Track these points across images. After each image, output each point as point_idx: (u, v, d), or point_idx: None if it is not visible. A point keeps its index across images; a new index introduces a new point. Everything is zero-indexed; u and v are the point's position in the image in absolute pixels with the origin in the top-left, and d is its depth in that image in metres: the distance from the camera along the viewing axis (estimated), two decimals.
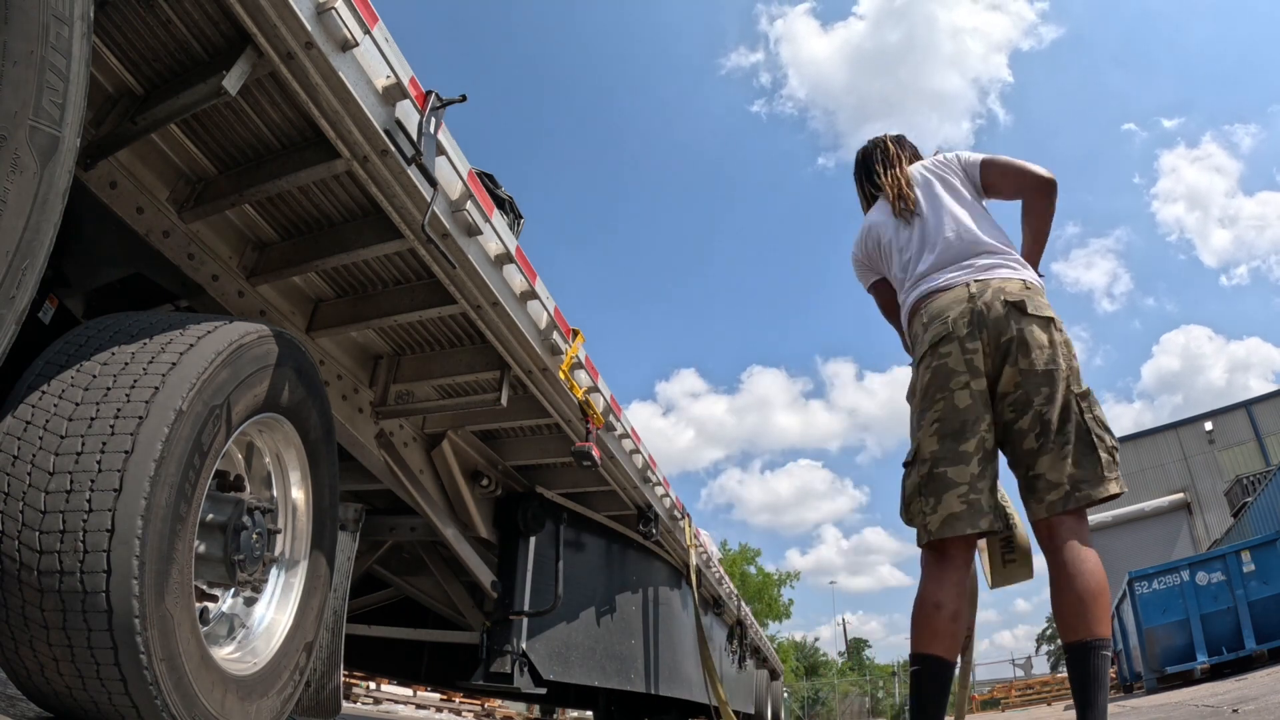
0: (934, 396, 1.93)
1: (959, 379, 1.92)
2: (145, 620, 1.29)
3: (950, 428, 1.90)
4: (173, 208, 2.07)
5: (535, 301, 2.62)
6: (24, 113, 1.04)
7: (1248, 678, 7.60)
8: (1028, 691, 22.49)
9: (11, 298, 1.05)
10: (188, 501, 1.42)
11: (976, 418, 1.90)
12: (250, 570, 1.73)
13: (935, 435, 1.91)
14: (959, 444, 1.89)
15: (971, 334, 1.93)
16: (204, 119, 1.98)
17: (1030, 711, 14.69)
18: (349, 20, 1.63)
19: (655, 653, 4.90)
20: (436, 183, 1.99)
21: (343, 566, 2.47)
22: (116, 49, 1.77)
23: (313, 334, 2.59)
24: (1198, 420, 27.15)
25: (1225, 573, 10.32)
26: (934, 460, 1.90)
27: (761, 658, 10.50)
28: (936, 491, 1.88)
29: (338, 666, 2.41)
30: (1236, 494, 21.56)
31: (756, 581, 34.49)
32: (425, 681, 5.41)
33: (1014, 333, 1.91)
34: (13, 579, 1.24)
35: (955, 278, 2.04)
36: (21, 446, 1.28)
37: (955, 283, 2.03)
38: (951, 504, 1.85)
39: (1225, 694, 5.77)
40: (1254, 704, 3.98)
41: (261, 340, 1.65)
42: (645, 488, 4.01)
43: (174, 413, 1.36)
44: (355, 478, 3.13)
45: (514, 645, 3.56)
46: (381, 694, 13.62)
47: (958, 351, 1.93)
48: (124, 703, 1.32)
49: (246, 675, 1.68)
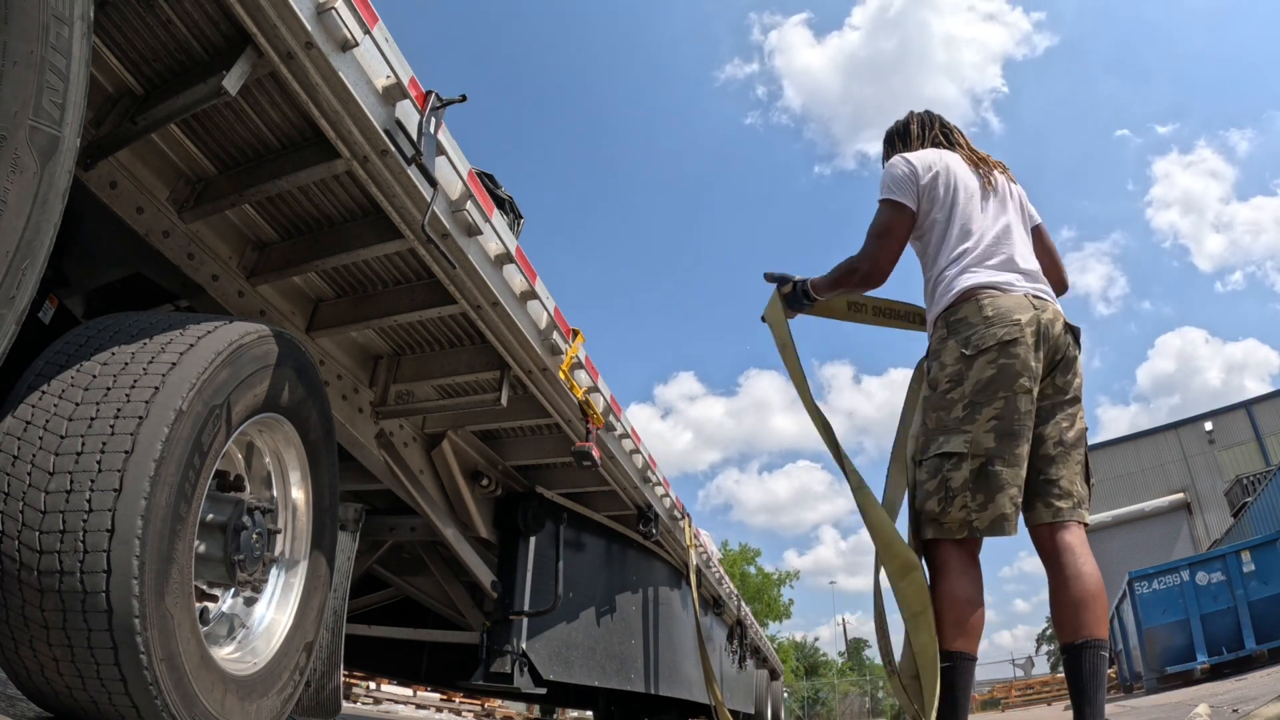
0: (996, 393, 1.89)
1: (1024, 383, 1.91)
2: (145, 620, 1.29)
3: (1009, 428, 1.88)
4: (173, 208, 2.07)
5: (535, 301, 2.62)
6: (24, 113, 1.04)
7: (1248, 678, 7.60)
8: (1028, 691, 22.49)
9: (11, 298, 1.05)
10: (188, 501, 1.42)
11: (1029, 425, 1.91)
12: (250, 570, 1.73)
13: (993, 432, 1.88)
14: (1016, 446, 1.88)
15: (1037, 344, 1.94)
16: (204, 119, 1.98)
17: (1030, 711, 14.69)
18: (349, 20, 1.63)
19: (655, 653, 4.90)
20: (436, 183, 1.99)
21: (343, 566, 2.47)
22: (116, 49, 1.77)
23: (313, 334, 2.59)
24: (1198, 420, 27.14)
25: (1225, 573, 10.33)
26: (989, 457, 1.87)
27: (761, 658, 10.50)
28: (989, 489, 1.85)
29: (338, 666, 2.41)
30: (1236, 494, 21.56)
31: (756, 581, 34.49)
32: (425, 681, 5.41)
33: (1066, 353, 2.01)
34: (13, 579, 1.24)
35: (1020, 285, 2.03)
36: (21, 446, 1.28)
37: (1018, 289, 2.01)
38: (1004, 504, 1.85)
39: (1225, 694, 5.77)
40: (1254, 704, 3.97)
41: (261, 340, 1.65)
42: (645, 488, 4.01)
43: (174, 413, 1.36)
44: (355, 478, 3.13)
45: (514, 645, 3.56)
46: (381, 694, 13.62)
47: (1027, 356, 1.92)
48: (124, 703, 1.32)
49: (246, 675, 1.67)
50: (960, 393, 1.93)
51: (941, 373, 1.98)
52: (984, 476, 1.86)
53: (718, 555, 7.88)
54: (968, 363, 1.93)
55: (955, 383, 1.94)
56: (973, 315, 1.96)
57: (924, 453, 1.97)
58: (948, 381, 1.96)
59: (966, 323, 1.97)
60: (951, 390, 1.94)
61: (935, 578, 1.90)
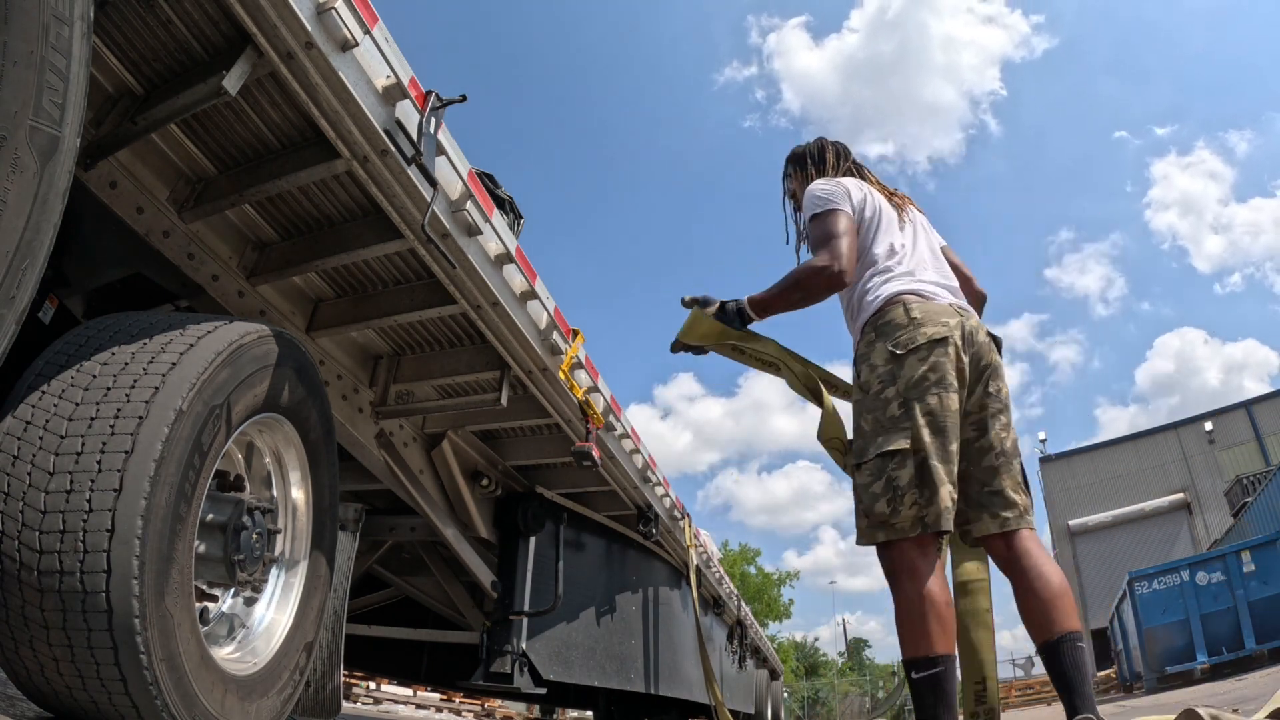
0: (929, 389, 1.91)
1: (952, 381, 1.94)
2: (145, 620, 1.29)
3: (941, 424, 1.90)
4: (173, 208, 2.07)
5: (535, 301, 2.62)
6: (24, 113, 1.04)
7: (1248, 678, 7.60)
8: (1028, 691, 22.48)
9: (11, 298, 1.05)
10: (188, 501, 1.42)
11: (958, 425, 1.94)
12: (250, 570, 1.73)
13: (928, 428, 1.89)
14: (949, 443, 1.90)
15: (963, 348, 1.99)
16: (204, 119, 1.98)
17: (1030, 711, 14.68)
18: (349, 20, 1.63)
19: (655, 653, 4.90)
20: (436, 183, 1.99)
21: (343, 566, 2.48)
22: (116, 49, 1.77)
23: (313, 334, 2.60)
24: (1198, 420, 27.13)
25: (1225, 573, 10.33)
26: (927, 453, 1.88)
27: (761, 658, 10.50)
28: (931, 485, 1.86)
29: (338, 666, 2.41)
30: (1236, 494, 21.55)
31: (756, 581, 34.49)
32: (425, 681, 5.41)
33: (992, 359, 2.05)
34: (13, 579, 1.24)
35: (943, 295, 2.10)
36: (21, 446, 1.28)
37: (942, 298, 2.08)
38: (945, 499, 1.85)
39: (1225, 694, 5.77)
40: (1254, 704, 3.97)
41: (261, 340, 1.65)
42: (645, 488, 4.01)
43: (174, 413, 1.36)
44: (355, 478, 3.13)
45: (514, 645, 3.56)
46: (381, 694, 13.62)
47: (955, 357, 1.96)
48: (124, 703, 1.32)
49: (246, 675, 1.68)
50: (894, 391, 1.94)
51: (873, 374, 2.00)
52: (925, 471, 1.87)
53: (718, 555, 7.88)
54: (899, 361, 1.95)
55: (887, 382, 1.96)
56: (900, 318, 2.01)
57: (863, 456, 1.96)
58: (879, 382, 1.97)
59: (894, 324, 2.00)
60: (884, 390, 1.96)
61: (904, 581, 1.83)
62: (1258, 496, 16.20)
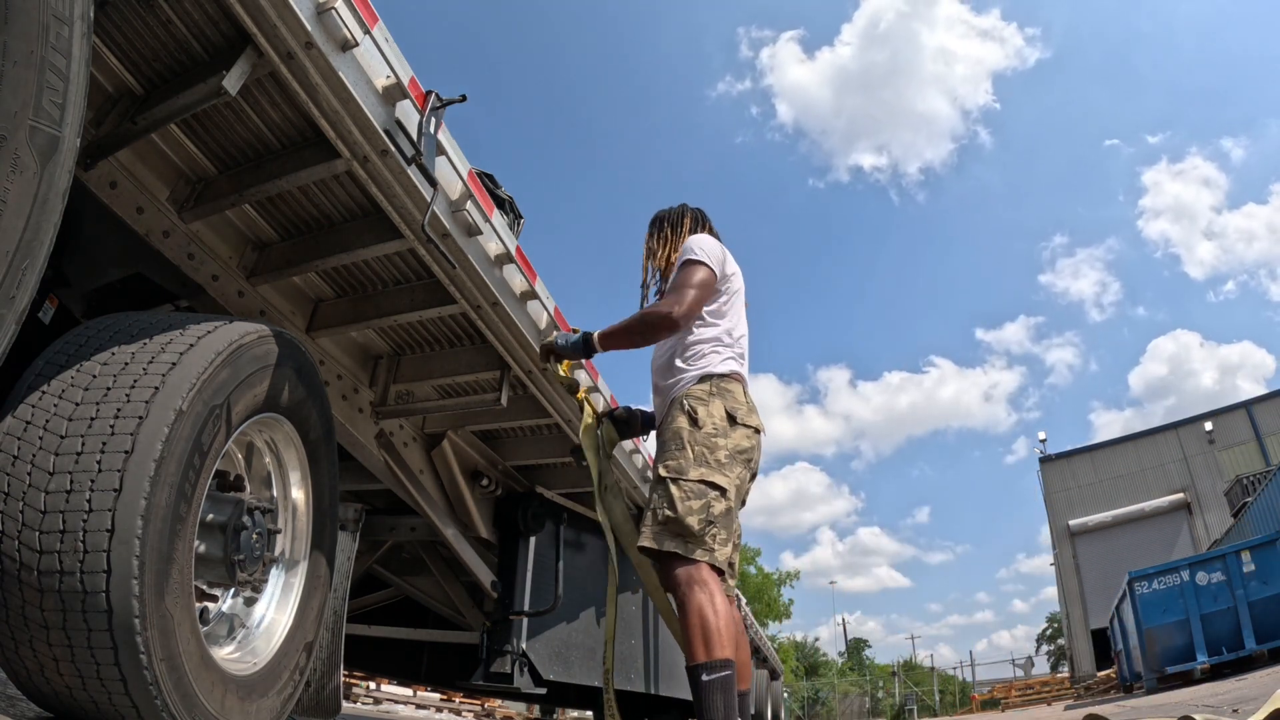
0: (744, 463, 2.12)
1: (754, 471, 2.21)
2: (145, 620, 1.29)
3: (741, 495, 2.16)
4: (173, 208, 2.07)
5: (535, 301, 2.62)
6: (24, 113, 1.04)
7: (1248, 678, 7.60)
8: (1028, 691, 22.48)
9: (11, 298, 1.05)
10: (188, 501, 1.42)
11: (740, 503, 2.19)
12: (250, 570, 1.73)
13: (734, 490, 2.07)
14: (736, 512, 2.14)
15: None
16: (204, 119, 1.98)
17: (1030, 711, 14.69)
18: (349, 20, 1.63)
19: (655, 653, 4.90)
20: (436, 183, 1.99)
21: (343, 566, 2.47)
22: (116, 49, 1.77)
23: (313, 334, 2.60)
24: (1198, 420, 27.10)
25: (1225, 573, 10.32)
26: (732, 505, 2.07)
27: (761, 658, 10.51)
28: (728, 528, 2.05)
29: (338, 666, 2.41)
30: (1236, 494, 21.53)
31: (756, 581, 34.50)
32: (425, 681, 5.41)
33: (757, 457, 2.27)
34: (13, 579, 1.24)
35: None
36: (21, 446, 1.28)
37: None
38: (730, 551, 2.09)
39: (1225, 694, 5.77)
40: (1254, 704, 3.97)
41: (261, 340, 1.65)
42: (645, 487, 4.01)
43: (174, 413, 1.36)
44: (355, 478, 3.13)
45: (514, 645, 3.56)
46: (381, 694, 13.62)
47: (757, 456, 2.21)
48: (124, 703, 1.32)
49: (246, 675, 1.68)
50: (725, 443, 2.08)
51: (709, 419, 2.10)
52: (728, 518, 2.04)
53: None
54: (732, 425, 2.11)
55: (720, 434, 2.09)
56: (739, 395, 2.18)
57: (684, 474, 2.04)
58: (714, 428, 2.09)
59: (734, 397, 2.15)
60: (717, 437, 2.09)
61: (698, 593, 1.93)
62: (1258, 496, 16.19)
